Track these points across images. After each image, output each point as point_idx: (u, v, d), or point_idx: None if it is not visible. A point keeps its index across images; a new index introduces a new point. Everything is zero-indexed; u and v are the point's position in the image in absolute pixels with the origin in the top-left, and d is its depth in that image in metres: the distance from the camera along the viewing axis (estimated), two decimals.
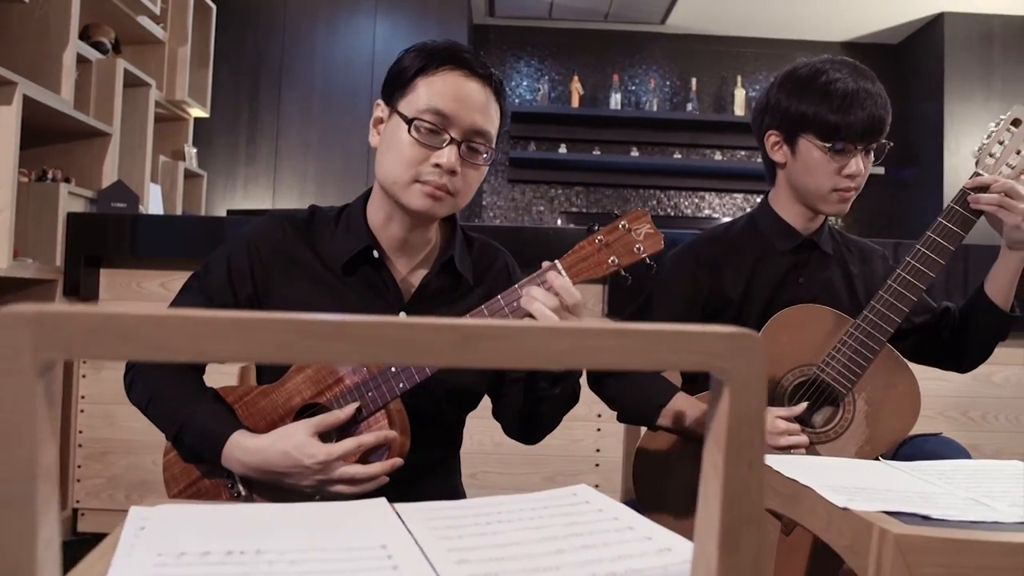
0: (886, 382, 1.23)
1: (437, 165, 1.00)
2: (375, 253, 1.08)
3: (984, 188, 1.18)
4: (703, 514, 0.43)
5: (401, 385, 0.98)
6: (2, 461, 0.32)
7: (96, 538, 2.54)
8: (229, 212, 3.05)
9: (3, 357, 0.32)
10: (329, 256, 1.09)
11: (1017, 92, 4.84)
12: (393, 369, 0.98)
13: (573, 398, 1.12)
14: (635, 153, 5.36)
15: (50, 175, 2.70)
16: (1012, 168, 1.17)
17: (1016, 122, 1.19)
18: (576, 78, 5.32)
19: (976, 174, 1.19)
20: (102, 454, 2.55)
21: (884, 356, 1.22)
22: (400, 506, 0.67)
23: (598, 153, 5.29)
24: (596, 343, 0.38)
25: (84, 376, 2.55)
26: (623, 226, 0.98)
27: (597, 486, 2.59)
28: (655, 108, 5.31)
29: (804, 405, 1.22)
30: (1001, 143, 1.18)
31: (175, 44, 3.71)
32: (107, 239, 2.55)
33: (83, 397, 2.55)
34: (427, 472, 1.07)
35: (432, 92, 1.01)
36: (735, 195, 5.48)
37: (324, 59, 4.83)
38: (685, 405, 1.28)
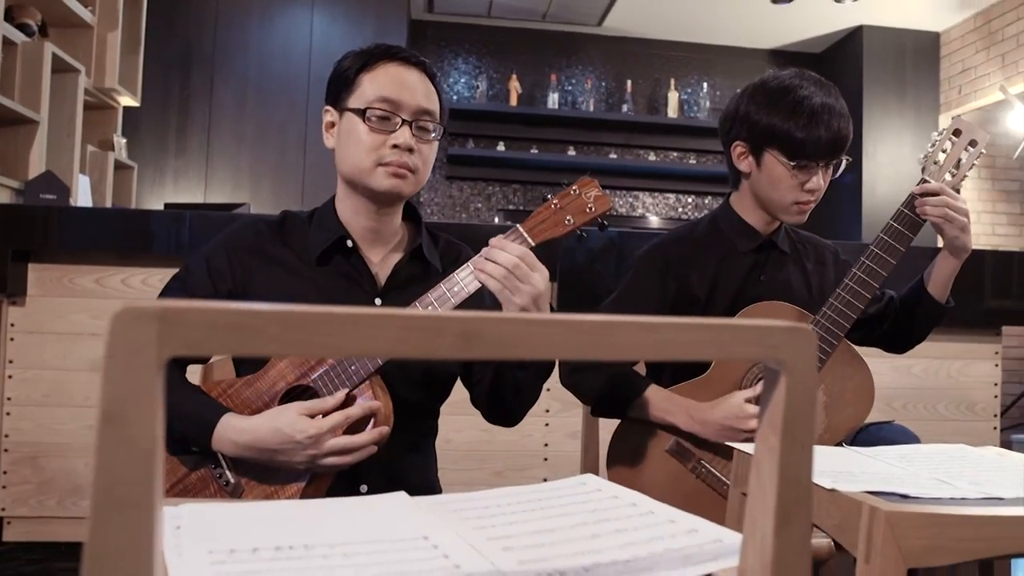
0: (843, 374, 1.31)
1: (395, 146, 1.08)
2: (348, 243, 1.14)
3: (931, 192, 1.27)
4: (756, 493, 0.47)
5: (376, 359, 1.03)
6: (126, 460, 0.33)
7: (24, 548, 2.40)
8: (167, 205, 2.95)
9: (127, 353, 0.32)
10: (303, 250, 1.15)
11: (927, 103, 5.15)
12: None
13: (543, 375, 1.17)
14: (572, 152, 5.44)
15: None
16: (954, 175, 1.26)
17: (956, 132, 1.28)
18: (514, 76, 5.36)
19: (923, 180, 1.28)
20: (31, 458, 2.43)
21: (841, 350, 1.29)
22: (419, 499, 0.68)
23: (536, 151, 5.34)
24: (678, 337, 0.41)
25: (11, 377, 2.43)
26: (574, 191, 1.09)
27: (545, 479, 2.64)
28: (591, 108, 5.40)
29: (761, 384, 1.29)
30: (944, 151, 1.27)
31: (104, 29, 3.55)
32: (36, 232, 2.43)
33: (9, 399, 2.43)
34: (406, 452, 1.13)
35: (376, 84, 1.10)
36: (668, 195, 5.63)
37: (259, 50, 4.71)
38: (656, 395, 1.33)
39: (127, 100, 3.83)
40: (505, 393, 1.15)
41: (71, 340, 2.44)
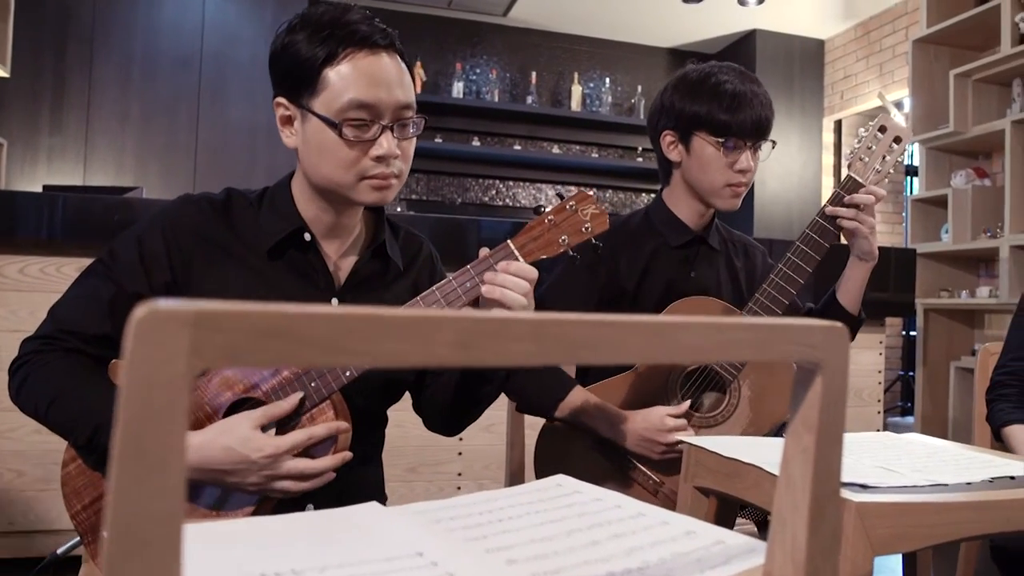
0: (768, 370, 1.35)
1: (379, 158, 0.96)
2: (307, 236, 1.02)
3: (849, 204, 1.30)
4: (786, 492, 0.46)
5: (348, 373, 0.93)
6: (156, 474, 0.27)
7: None
8: (45, 187, 2.70)
9: (153, 365, 0.27)
10: (253, 239, 1.02)
11: (812, 106, 5.46)
12: None
13: (498, 391, 1.11)
14: (476, 143, 5.41)
15: None
16: (879, 172, 1.32)
17: (883, 129, 1.33)
18: (419, 64, 5.26)
19: (849, 176, 1.33)
20: None
21: None
22: (393, 510, 0.64)
23: (440, 141, 5.28)
24: (732, 337, 0.39)
25: None
26: (571, 206, 1.00)
27: (460, 474, 2.61)
28: (496, 99, 5.38)
29: (688, 403, 1.31)
30: (870, 148, 1.33)
31: None
32: None
33: None
34: (358, 465, 1.01)
35: (347, 83, 0.95)
36: (570, 188, 5.70)
37: (146, 24, 4.40)
38: (581, 399, 1.33)
39: None
40: (465, 406, 1.08)
41: None
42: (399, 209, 5.32)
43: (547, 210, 0.99)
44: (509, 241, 0.98)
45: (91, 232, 2.26)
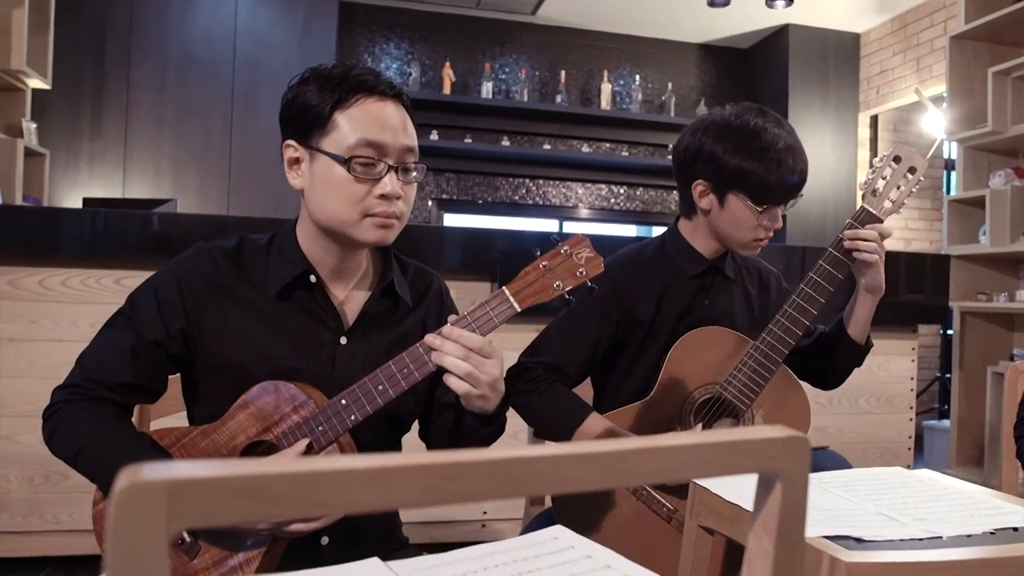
0: (781, 399, 1.36)
1: (383, 196, 1.00)
2: (312, 278, 1.07)
3: (860, 237, 1.30)
4: None
5: (353, 417, 0.97)
6: None
7: None
8: (86, 201, 2.79)
9: (133, 529, 0.30)
10: (262, 283, 1.07)
11: (847, 102, 5.36)
12: (344, 402, 0.97)
13: (500, 431, 1.13)
14: (506, 142, 5.42)
15: None
16: (893, 203, 1.31)
17: (897, 159, 1.33)
18: (448, 64, 5.29)
19: (862, 208, 1.32)
20: None
21: (779, 375, 1.34)
22: (393, 566, 0.67)
23: (469, 141, 5.30)
24: (684, 458, 0.41)
25: None
26: (565, 251, 1.00)
27: None
28: (525, 98, 5.39)
29: (700, 427, 1.32)
30: (884, 179, 1.32)
31: (9, 6, 3.31)
32: None
33: None
34: None
35: (356, 125, 1.01)
36: (600, 186, 5.69)
37: (180, 30, 4.50)
38: (597, 426, 1.34)
39: (36, 83, 3.60)
40: (463, 441, 1.10)
41: None
42: (431, 208, 5.38)
43: (540, 255, 1.00)
44: (504, 288, 0.99)
45: (127, 246, 2.35)
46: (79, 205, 3.70)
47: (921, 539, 0.81)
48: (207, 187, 4.50)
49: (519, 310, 0.98)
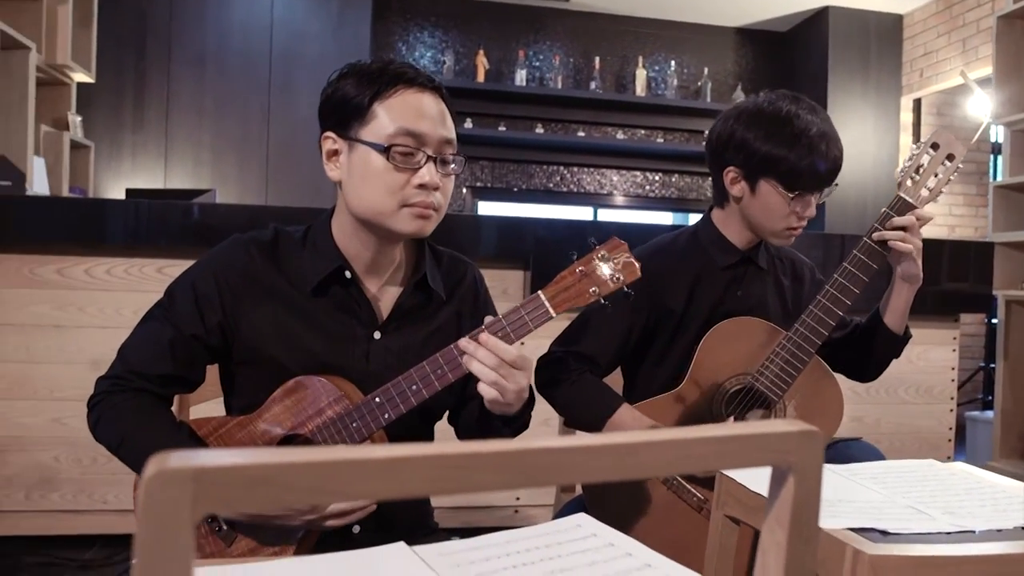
0: (814, 390, 1.35)
1: (421, 186, 1.01)
2: (347, 274, 1.07)
3: (896, 227, 1.27)
4: None
5: (387, 416, 0.98)
6: None
7: None
8: (128, 192, 2.87)
9: (161, 515, 0.32)
10: (298, 278, 1.08)
11: (889, 85, 5.23)
12: (378, 400, 0.99)
13: (524, 427, 1.14)
14: (540, 130, 5.41)
15: None
16: (930, 191, 1.28)
17: (935, 145, 1.29)
18: (481, 52, 5.28)
19: (898, 196, 1.30)
20: None
21: (812, 366, 1.33)
22: (419, 550, 0.69)
23: (503, 129, 5.30)
24: (696, 451, 0.41)
25: None
26: (601, 256, 0.99)
27: None
28: (559, 85, 5.36)
29: (732, 421, 1.32)
30: (921, 166, 1.29)
31: (54, 2, 3.40)
32: None
33: None
34: None
35: (395, 115, 1.01)
36: (635, 173, 5.65)
37: (217, 20, 4.57)
38: (628, 417, 1.34)
39: (81, 76, 3.69)
40: (486, 435, 1.11)
41: (33, 332, 2.38)
42: (465, 195, 5.40)
43: (576, 259, 0.99)
44: (540, 292, 0.99)
45: (168, 235, 2.41)
46: (122, 196, 3.80)
47: (949, 533, 0.81)
48: (246, 177, 4.58)
49: (554, 316, 0.98)
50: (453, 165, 1.05)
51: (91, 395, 1.04)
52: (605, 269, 0.99)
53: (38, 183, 3.04)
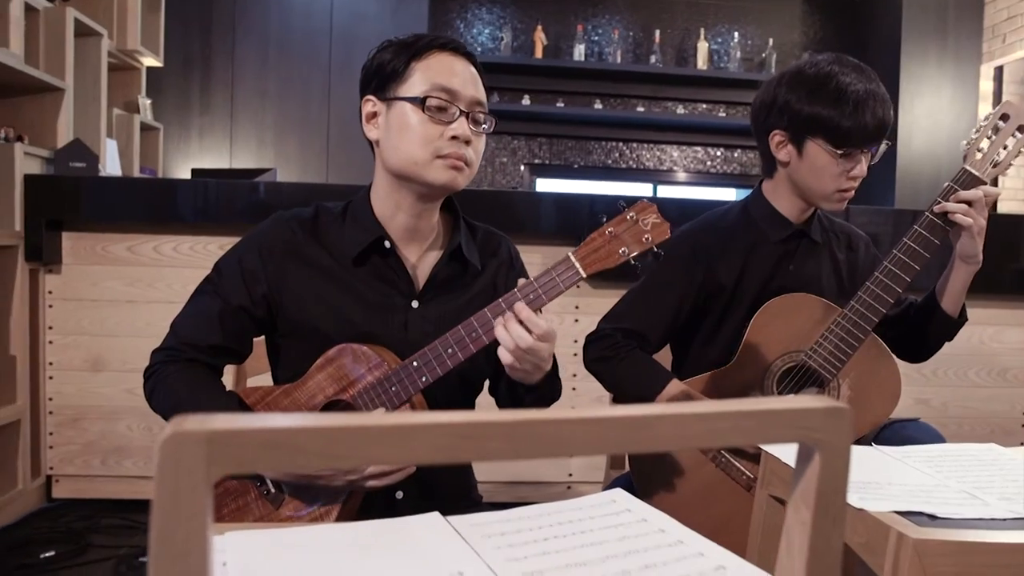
0: (869, 368, 1.30)
1: (454, 137, 1.06)
2: (386, 243, 1.11)
3: (962, 200, 1.22)
4: (786, 562, 0.47)
5: (424, 379, 1.02)
6: (181, 563, 0.34)
7: (72, 504, 2.51)
8: (194, 172, 2.97)
9: (177, 476, 0.33)
10: (339, 250, 1.12)
11: (969, 53, 4.96)
12: (415, 364, 1.01)
13: (553, 398, 1.15)
14: (598, 105, 5.34)
15: (2, 134, 2.58)
16: (997, 165, 1.22)
17: (1004, 117, 1.23)
18: (540, 28, 5.23)
19: (963, 169, 1.24)
20: (74, 420, 2.52)
21: (868, 344, 1.28)
22: (453, 521, 0.70)
23: (562, 105, 5.26)
24: (716, 426, 0.41)
25: (51, 342, 2.50)
26: (631, 217, 1.00)
27: None
28: (618, 60, 5.27)
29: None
30: (989, 139, 1.23)
31: None
32: (68, 202, 2.47)
33: (51, 363, 2.51)
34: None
35: (431, 73, 1.07)
36: (696, 148, 5.54)
37: (280, 4, 4.66)
38: (677, 392, 1.33)
39: (150, 61, 3.82)
40: (514, 404, 1.13)
41: (106, 307, 2.50)
42: (523, 172, 5.39)
43: (606, 221, 1.01)
44: (570, 254, 1.01)
45: (232, 214, 2.49)
46: (189, 176, 3.94)
47: (1004, 520, 0.77)
48: (307, 156, 4.68)
49: (584, 276, 0.99)
50: (485, 125, 1.10)
51: (147, 366, 1.10)
52: (635, 230, 1.00)
53: (111, 164, 3.17)
